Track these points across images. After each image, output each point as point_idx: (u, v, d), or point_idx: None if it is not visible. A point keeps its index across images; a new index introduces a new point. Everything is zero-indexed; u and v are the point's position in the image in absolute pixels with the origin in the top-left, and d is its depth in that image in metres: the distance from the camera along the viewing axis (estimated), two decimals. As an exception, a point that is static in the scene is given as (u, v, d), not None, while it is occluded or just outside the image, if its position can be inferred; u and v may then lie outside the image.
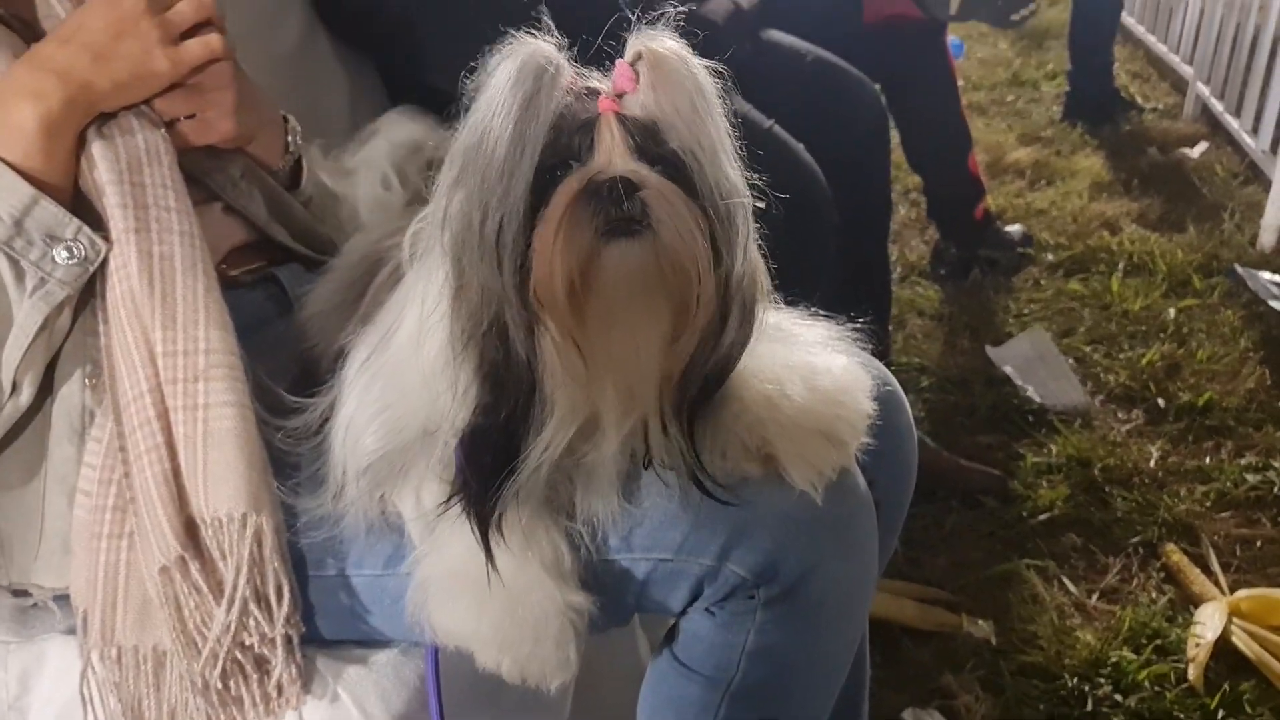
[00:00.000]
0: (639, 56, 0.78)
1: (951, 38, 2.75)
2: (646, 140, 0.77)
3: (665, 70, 0.77)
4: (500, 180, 0.74)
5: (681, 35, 0.79)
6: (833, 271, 1.84)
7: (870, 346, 1.00)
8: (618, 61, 0.79)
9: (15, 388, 0.95)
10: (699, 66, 0.77)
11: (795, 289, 0.95)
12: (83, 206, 0.96)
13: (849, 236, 1.89)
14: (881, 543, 1.00)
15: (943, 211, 2.84)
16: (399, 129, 1.33)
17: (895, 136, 2.53)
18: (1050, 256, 2.92)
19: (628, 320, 0.78)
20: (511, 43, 0.76)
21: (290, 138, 1.21)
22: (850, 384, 0.92)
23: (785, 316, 0.95)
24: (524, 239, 0.75)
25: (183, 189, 0.97)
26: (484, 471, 0.81)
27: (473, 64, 0.78)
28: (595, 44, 0.80)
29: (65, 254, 0.93)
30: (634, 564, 0.90)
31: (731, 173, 0.78)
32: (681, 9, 0.80)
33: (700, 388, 0.81)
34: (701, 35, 0.82)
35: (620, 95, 0.77)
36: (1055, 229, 3.06)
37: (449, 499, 0.83)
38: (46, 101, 0.93)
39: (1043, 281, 2.82)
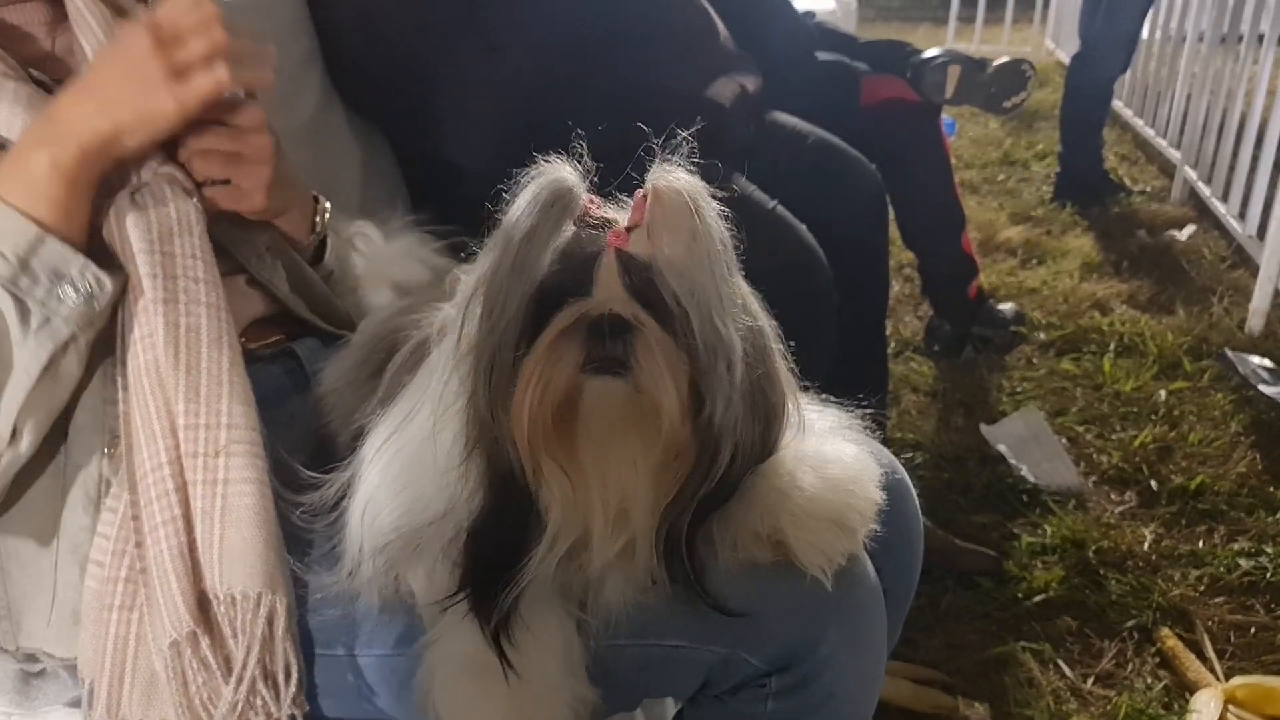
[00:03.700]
0: (649, 193, 0.79)
1: (944, 117, 2.81)
2: (643, 280, 0.78)
3: (667, 211, 0.77)
4: (500, 304, 0.77)
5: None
6: (831, 348, 1.86)
7: (873, 429, 1.02)
8: (636, 194, 0.80)
9: (15, 435, 0.94)
10: (708, 209, 0.77)
11: (797, 367, 0.96)
12: (98, 254, 0.96)
13: (848, 314, 1.91)
14: (888, 629, 1.00)
15: (937, 289, 2.87)
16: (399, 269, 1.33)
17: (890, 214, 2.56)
18: (1042, 335, 2.95)
19: (611, 451, 0.80)
20: (538, 167, 0.78)
21: (319, 217, 1.22)
22: (860, 473, 0.94)
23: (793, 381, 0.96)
24: (513, 363, 0.77)
25: (212, 260, 0.98)
26: (487, 574, 0.82)
27: (485, 143, 0.80)
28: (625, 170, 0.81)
29: (72, 292, 0.93)
30: (645, 650, 0.90)
31: (725, 325, 0.77)
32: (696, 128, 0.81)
33: (695, 515, 0.81)
34: (709, 119, 0.83)
35: (631, 229, 0.79)
36: (1047, 308, 3.11)
37: (455, 594, 0.84)
38: (56, 150, 0.94)
39: (1035, 360, 2.85)
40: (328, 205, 1.24)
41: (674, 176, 0.78)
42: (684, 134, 0.81)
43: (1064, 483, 2.31)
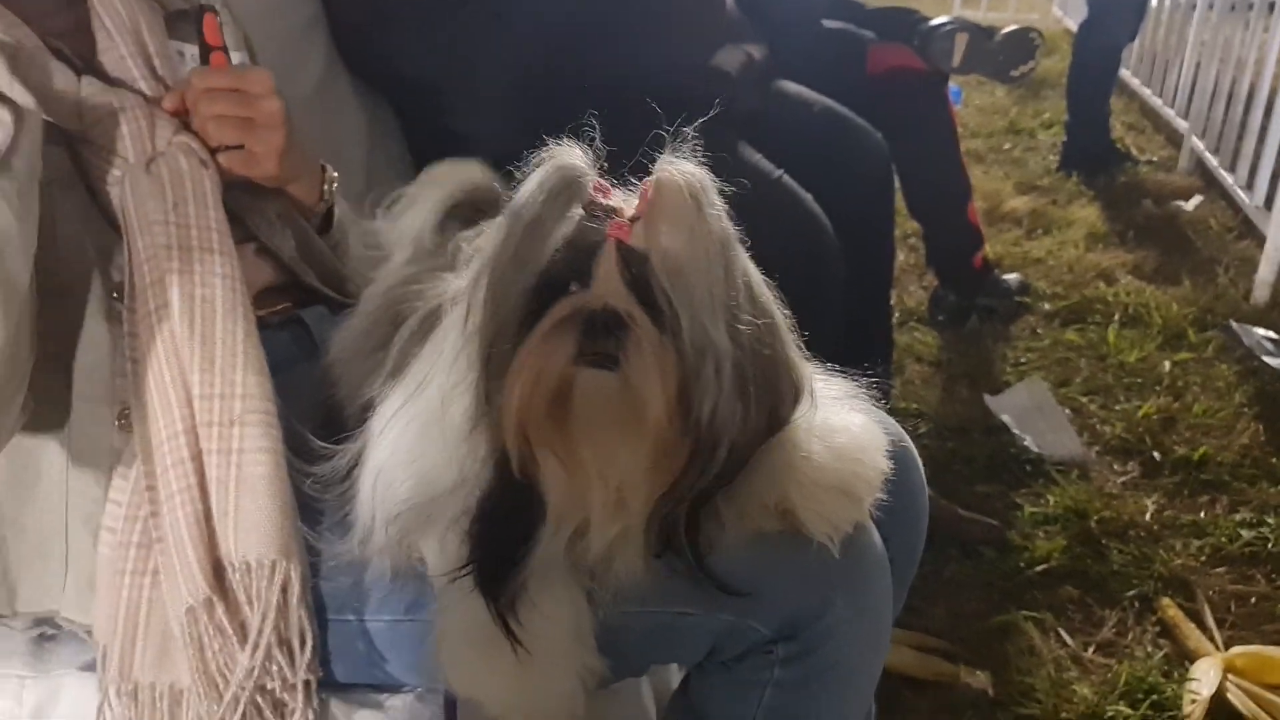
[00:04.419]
0: (652, 184, 0.78)
1: (950, 85, 2.79)
2: (641, 274, 0.77)
3: (666, 206, 0.76)
4: (501, 292, 0.77)
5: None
6: (837, 318, 1.87)
7: (879, 399, 1.02)
8: (643, 183, 0.79)
9: None
10: (709, 206, 0.76)
11: (803, 337, 0.97)
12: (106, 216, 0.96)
13: (854, 284, 1.92)
14: (894, 598, 1.02)
15: (942, 259, 2.87)
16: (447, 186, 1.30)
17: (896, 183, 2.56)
18: (1047, 306, 2.95)
19: (604, 442, 0.80)
20: (548, 150, 0.78)
21: (327, 186, 1.23)
22: (867, 442, 0.94)
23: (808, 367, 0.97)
24: (511, 351, 0.77)
25: (227, 232, 0.99)
26: (492, 554, 0.83)
27: (489, 112, 0.79)
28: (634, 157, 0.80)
29: None
30: (653, 617, 0.91)
31: (715, 328, 0.76)
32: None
33: (696, 500, 0.81)
34: (715, 88, 0.82)
35: (636, 220, 0.78)
36: (1052, 278, 3.10)
37: (461, 568, 0.85)
38: None
39: (1040, 330, 2.86)
40: (335, 174, 1.24)
41: (678, 169, 0.77)
42: (690, 104, 0.81)
43: (1067, 453, 2.31)
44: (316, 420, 1.03)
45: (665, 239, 0.76)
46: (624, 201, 0.79)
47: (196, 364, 0.94)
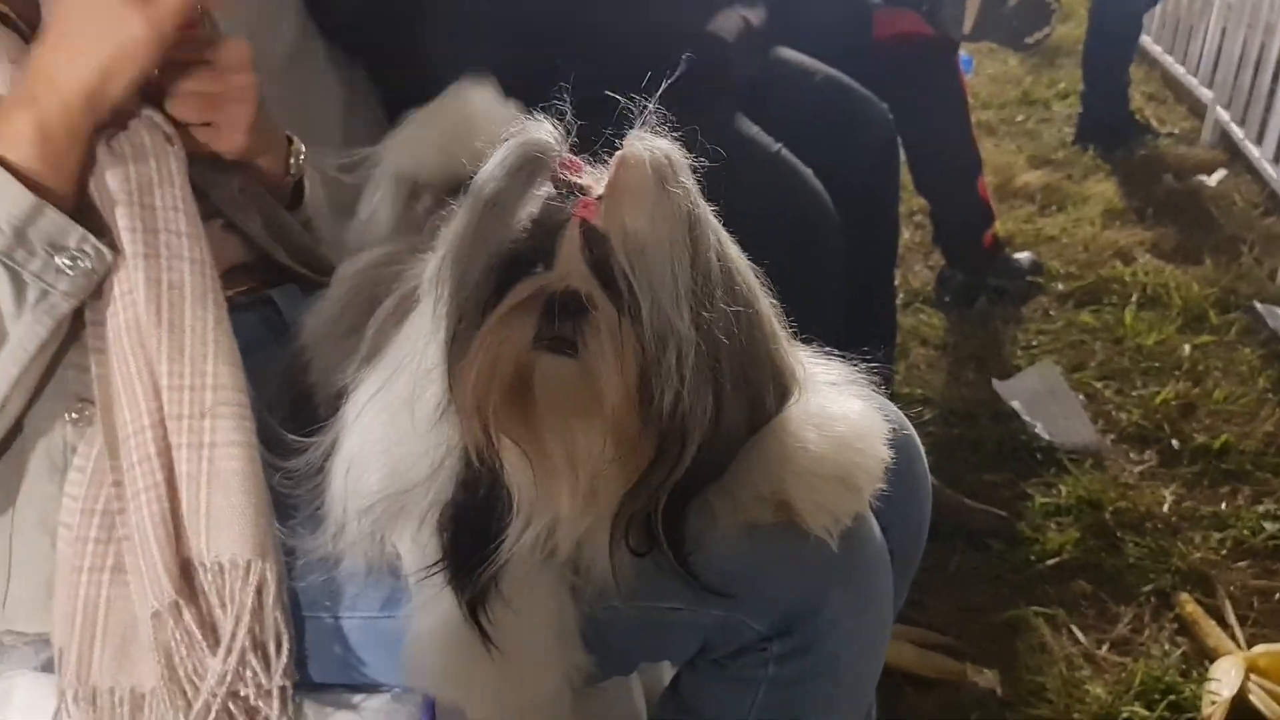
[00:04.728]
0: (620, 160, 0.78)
1: (961, 53, 2.79)
2: (602, 254, 0.77)
3: (630, 186, 0.76)
4: (464, 272, 0.78)
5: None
6: (838, 299, 1.87)
7: (880, 384, 1.03)
8: (612, 160, 0.78)
9: (3, 407, 0.95)
10: (675, 186, 0.76)
11: (802, 319, 0.97)
12: (89, 216, 0.95)
13: (855, 262, 1.92)
14: (894, 592, 1.02)
15: (950, 237, 2.87)
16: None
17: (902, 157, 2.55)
18: (1060, 286, 2.95)
19: (567, 431, 0.80)
20: (517, 125, 0.78)
21: (293, 159, 1.22)
22: (867, 430, 0.94)
23: (800, 355, 0.97)
24: (473, 333, 0.77)
25: (195, 213, 0.98)
26: (463, 549, 0.83)
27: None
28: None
29: (69, 263, 0.92)
30: (641, 612, 0.91)
31: (679, 314, 0.76)
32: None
33: (674, 497, 0.81)
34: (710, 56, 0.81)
35: (603, 198, 0.78)
36: (1066, 257, 3.10)
37: (433, 564, 0.85)
38: (40, 107, 0.92)
39: (1052, 312, 2.86)
40: (303, 147, 1.24)
41: (645, 145, 0.76)
42: (684, 72, 0.81)
43: (1081, 441, 2.32)
44: (287, 408, 1.03)
45: (627, 218, 0.76)
46: (594, 179, 0.79)
47: (164, 353, 0.93)
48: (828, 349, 0.98)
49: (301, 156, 1.23)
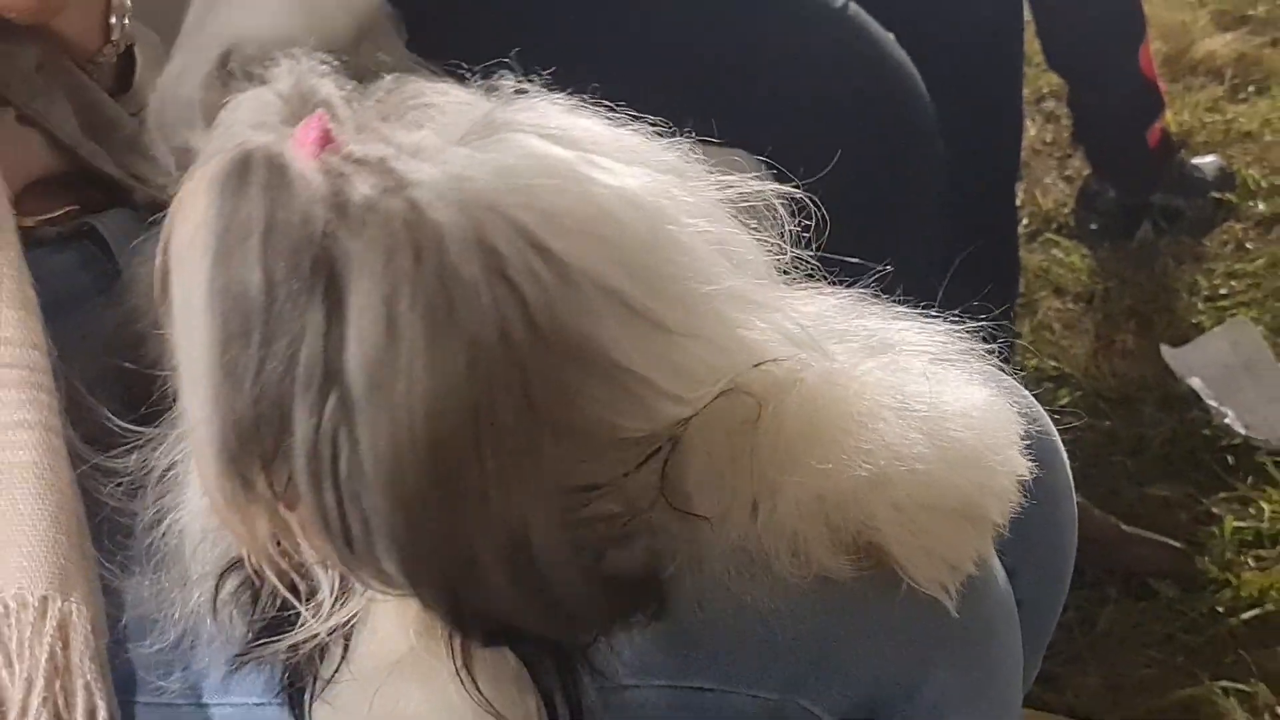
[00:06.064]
0: None
1: None
2: None
3: None
4: None
5: None
6: (934, 226, 1.87)
7: (996, 355, 1.02)
8: None
9: None
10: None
11: (881, 254, 0.96)
12: None
13: (960, 173, 1.91)
14: (1024, 662, 1.02)
15: (1098, 133, 2.88)
16: None
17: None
18: (1262, 206, 2.95)
19: None
20: None
21: (114, 17, 1.22)
22: (997, 432, 0.93)
23: (883, 313, 0.96)
24: None
25: None
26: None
27: None
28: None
29: None
30: (657, 695, 0.91)
31: None
32: None
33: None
34: None
35: None
36: (1269, 163, 3.10)
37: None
38: None
39: (1250, 245, 2.86)
40: (128, 1, 1.23)
41: None
42: None
43: (1292, 436, 2.33)
44: (119, 386, 1.03)
45: None
46: None
47: None
48: (922, 302, 0.97)
49: (127, 13, 1.24)
